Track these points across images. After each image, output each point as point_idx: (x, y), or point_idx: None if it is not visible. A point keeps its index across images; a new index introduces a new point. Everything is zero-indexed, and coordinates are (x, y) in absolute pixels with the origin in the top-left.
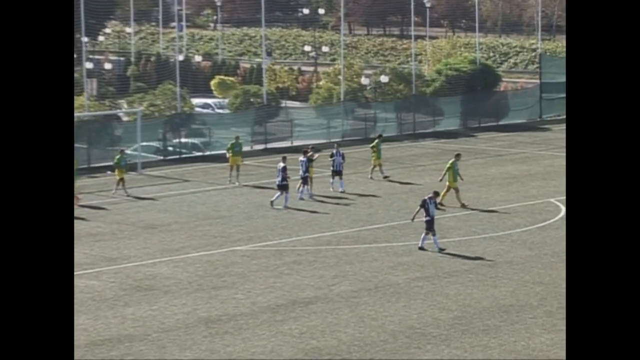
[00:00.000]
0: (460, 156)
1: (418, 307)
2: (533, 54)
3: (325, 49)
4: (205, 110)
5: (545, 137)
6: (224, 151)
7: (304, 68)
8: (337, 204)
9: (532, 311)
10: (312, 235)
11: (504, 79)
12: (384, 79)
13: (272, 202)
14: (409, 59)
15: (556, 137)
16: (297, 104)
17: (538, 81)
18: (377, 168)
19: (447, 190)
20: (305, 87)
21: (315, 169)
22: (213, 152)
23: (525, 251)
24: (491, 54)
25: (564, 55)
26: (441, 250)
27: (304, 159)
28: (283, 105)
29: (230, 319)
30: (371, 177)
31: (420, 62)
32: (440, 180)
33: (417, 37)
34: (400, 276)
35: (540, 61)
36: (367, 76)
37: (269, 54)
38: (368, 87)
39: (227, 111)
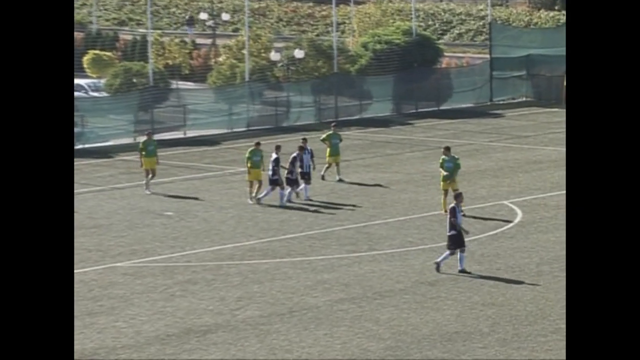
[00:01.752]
0: (449, 150)
1: (342, 335)
2: (481, 22)
3: (225, 16)
4: (76, 94)
5: (496, 124)
6: (100, 144)
7: (199, 41)
8: (242, 209)
9: (482, 339)
10: (211, 247)
11: (446, 54)
12: (298, 54)
13: (259, 198)
14: (330, 29)
15: (510, 125)
16: (191, 85)
17: (488, 56)
18: (332, 167)
19: (446, 195)
20: (202, 64)
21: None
22: (87, 146)
23: (474, 265)
24: (430, 23)
25: (518, 24)
26: (463, 271)
27: (297, 154)
28: (174, 86)
29: (109, 352)
30: (335, 178)
31: (343, 33)
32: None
33: (339, 2)
34: (320, 298)
35: (490, 32)
36: (278, 50)
37: (190, 24)
38: (279, 65)
39: (104, 94)
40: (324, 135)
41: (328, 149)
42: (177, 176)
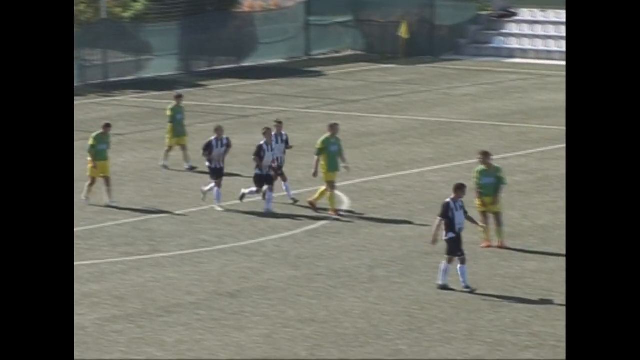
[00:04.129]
0: (336, 128)
1: None
2: None
3: None
4: None
5: (315, 85)
6: None
7: None
8: None
9: None
10: None
11: None
12: None
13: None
14: None
15: (332, 86)
16: None
17: None
18: (172, 150)
19: (327, 188)
20: None
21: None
22: None
23: (288, 270)
24: None
25: None
26: (469, 289)
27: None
28: None
29: None
30: (164, 165)
31: None
32: (315, 174)
33: None
34: (86, 315)
35: None
36: None
37: None
38: None
39: None
40: (168, 111)
41: (170, 127)
42: None
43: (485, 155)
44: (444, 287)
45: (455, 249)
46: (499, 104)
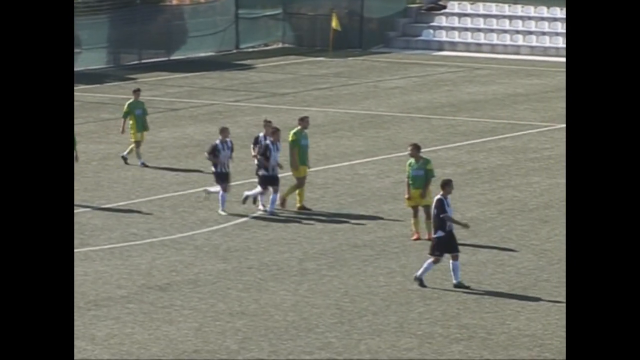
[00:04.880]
0: (307, 121)
1: None
2: None
3: None
4: None
5: (244, 79)
6: None
7: None
8: None
9: (229, 359)
10: None
11: None
12: None
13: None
14: None
15: (262, 80)
16: None
17: None
18: (136, 147)
19: (299, 185)
20: None
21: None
22: None
23: (218, 263)
24: None
25: None
26: (461, 285)
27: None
28: None
29: None
30: (143, 163)
31: None
32: (297, 166)
33: None
34: None
35: None
36: None
37: None
38: None
39: None
40: (126, 106)
41: (132, 122)
42: None
43: (415, 148)
44: (419, 280)
45: (447, 246)
46: (429, 97)
